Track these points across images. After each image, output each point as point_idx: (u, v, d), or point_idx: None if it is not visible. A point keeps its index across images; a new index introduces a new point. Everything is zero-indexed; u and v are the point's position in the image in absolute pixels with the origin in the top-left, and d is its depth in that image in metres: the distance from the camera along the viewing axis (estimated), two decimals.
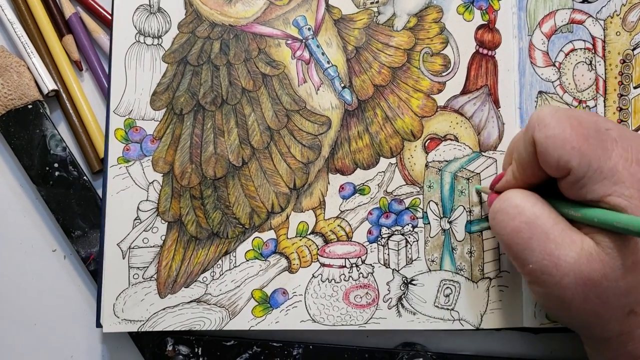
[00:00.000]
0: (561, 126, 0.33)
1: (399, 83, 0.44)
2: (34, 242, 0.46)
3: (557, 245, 0.33)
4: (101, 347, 0.46)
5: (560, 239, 0.33)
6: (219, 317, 0.43)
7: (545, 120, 0.34)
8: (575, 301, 0.33)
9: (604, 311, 0.33)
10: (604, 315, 0.33)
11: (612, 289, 0.32)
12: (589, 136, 0.33)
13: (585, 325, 0.35)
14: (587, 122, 0.34)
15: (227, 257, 0.44)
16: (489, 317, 0.43)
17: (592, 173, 0.33)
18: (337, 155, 0.44)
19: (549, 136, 0.33)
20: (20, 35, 0.47)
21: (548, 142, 0.33)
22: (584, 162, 0.33)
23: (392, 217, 0.44)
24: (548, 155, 0.33)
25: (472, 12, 0.45)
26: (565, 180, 0.34)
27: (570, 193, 0.34)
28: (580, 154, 0.33)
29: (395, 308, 0.43)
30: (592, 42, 0.45)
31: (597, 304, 0.33)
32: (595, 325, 0.35)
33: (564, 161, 0.33)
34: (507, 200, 0.36)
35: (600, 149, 0.33)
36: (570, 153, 0.33)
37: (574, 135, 0.33)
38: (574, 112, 0.35)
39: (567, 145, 0.33)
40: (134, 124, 0.44)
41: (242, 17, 0.45)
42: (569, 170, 0.33)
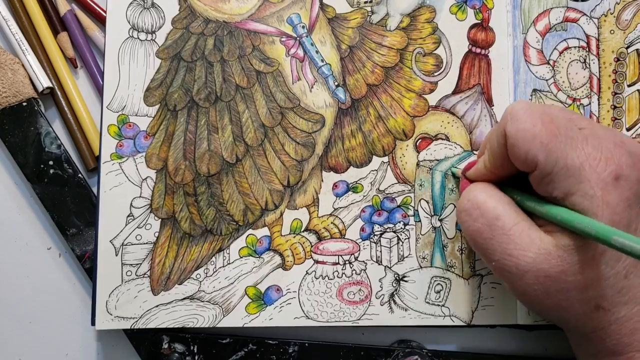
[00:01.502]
0: (532, 121, 0.34)
1: (391, 83, 0.44)
2: (28, 240, 0.46)
3: (516, 245, 0.34)
4: (96, 345, 0.46)
5: (520, 239, 0.34)
6: (213, 314, 0.43)
7: (518, 114, 0.34)
8: (538, 296, 0.34)
9: (569, 305, 0.34)
10: (570, 309, 0.34)
11: (571, 282, 0.33)
12: (559, 133, 0.34)
13: (558, 320, 0.36)
14: (560, 119, 0.34)
15: (221, 254, 0.44)
16: (481, 313, 0.43)
17: (558, 170, 0.33)
18: (331, 153, 0.44)
19: (519, 129, 0.34)
20: (15, 32, 0.47)
21: (518, 135, 0.34)
22: (551, 158, 0.33)
23: (384, 214, 0.44)
24: (517, 148, 0.34)
25: (465, 11, 0.45)
26: (533, 174, 0.34)
27: (538, 188, 0.35)
28: (548, 149, 0.33)
29: (387, 304, 0.43)
30: (586, 41, 0.45)
31: (560, 299, 0.34)
32: (567, 320, 0.35)
33: (532, 155, 0.33)
34: (471, 200, 0.37)
35: (569, 147, 0.33)
36: (539, 148, 0.33)
37: (544, 130, 0.33)
38: (548, 108, 0.35)
39: (536, 140, 0.33)
40: (127, 120, 0.44)
41: (236, 13, 0.45)
42: (536, 164, 0.34)
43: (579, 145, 0.34)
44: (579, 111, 0.44)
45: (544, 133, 0.33)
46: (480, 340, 0.45)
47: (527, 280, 0.34)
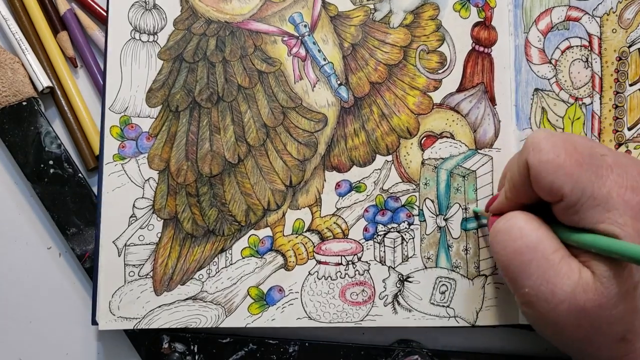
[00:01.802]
0: (556, 151, 0.33)
1: (395, 80, 0.44)
2: (28, 240, 0.46)
3: (556, 272, 0.33)
4: (97, 345, 0.46)
5: (559, 267, 0.33)
6: (215, 315, 0.43)
7: (540, 145, 0.34)
8: (568, 328, 0.34)
9: (596, 338, 0.34)
10: (596, 341, 0.34)
11: (605, 317, 0.33)
12: (583, 162, 0.33)
13: (576, 350, 0.36)
14: (582, 147, 0.34)
15: (223, 255, 0.43)
16: (485, 314, 0.43)
17: (585, 199, 0.33)
18: (333, 153, 0.44)
19: (542, 161, 0.33)
20: (15, 31, 0.46)
21: (541, 166, 0.33)
22: (577, 188, 0.33)
23: (388, 214, 0.44)
24: (541, 179, 0.33)
25: (469, 9, 0.45)
26: (559, 205, 0.34)
27: (564, 218, 0.34)
28: (573, 180, 0.33)
29: (391, 305, 0.43)
30: (588, 40, 0.45)
31: (589, 331, 0.33)
32: (586, 350, 0.35)
33: (557, 187, 0.33)
34: (511, 220, 0.36)
35: (595, 176, 0.33)
36: (564, 179, 0.33)
37: (567, 160, 0.33)
38: (569, 136, 0.35)
39: (561, 171, 0.33)
40: (129, 121, 0.44)
41: (238, 13, 0.45)
42: (562, 195, 0.33)
43: (604, 172, 0.33)
44: (580, 111, 0.44)
45: (569, 163, 0.33)
46: (481, 340, 0.45)
47: (560, 311, 0.33)
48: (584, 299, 0.32)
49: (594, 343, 0.34)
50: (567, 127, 0.44)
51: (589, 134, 0.44)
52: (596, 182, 0.33)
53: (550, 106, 0.44)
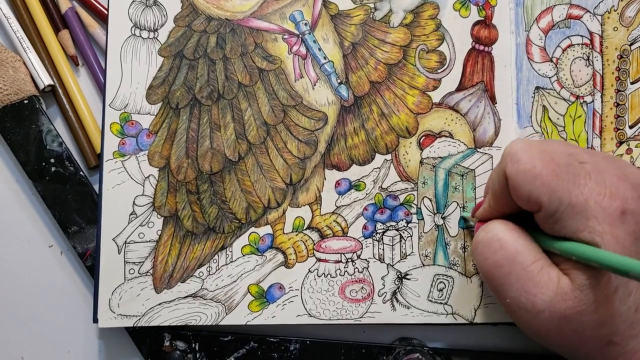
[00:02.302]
0: (532, 162, 0.34)
1: (394, 80, 0.44)
2: (30, 238, 0.46)
3: (535, 283, 0.34)
4: (98, 343, 0.46)
5: (538, 277, 0.34)
6: (216, 312, 0.43)
7: (517, 155, 0.34)
8: (551, 334, 0.34)
9: (582, 343, 0.34)
10: (582, 346, 0.34)
11: (586, 322, 0.33)
12: (560, 172, 0.33)
13: (568, 354, 0.36)
14: (560, 157, 0.34)
15: (224, 252, 0.44)
16: (483, 311, 0.43)
17: (563, 209, 0.33)
18: (333, 151, 0.44)
19: (519, 171, 0.34)
20: (16, 30, 0.46)
21: (519, 177, 0.34)
22: (554, 198, 0.33)
23: (387, 212, 0.44)
24: (519, 190, 0.34)
25: (469, 8, 0.45)
26: (539, 214, 0.34)
27: (546, 227, 0.35)
28: (550, 190, 0.33)
29: (389, 302, 0.43)
30: (590, 38, 0.44)
31: (573, 337, 0.34)
32: (577, 355, 0.35)
33: (535, 197, 0.33)
34: (491, 231, 0.36)
35: (572, 184, 0.33)
36: (540, 189, 0.33)
37: (544, 171, 0.33)
38: (548, 145, 0.35)
39: (537, 181, 0.33)
40: (129, 118, 0.44)
41: (238, 11, 0.45)
42: (540, 205, 0.33)
43: (582, 181, 0.33)
44: (582, 109, 0.44)
45: (545, 173, 0.33)
46: (482, 337, 0.45)
47: (542, 320, 0.34)
48: (564, 307, 0.33)
49: (581, 348, 0.34)
50: (568, 126, 0.44)
51: (590, 132, 0.44)
52: (574, 190, 0.33)
53: (552, 104, 0.44)
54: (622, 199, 0.33)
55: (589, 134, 0.44)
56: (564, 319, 0.33)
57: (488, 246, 0.36)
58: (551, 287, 0.33)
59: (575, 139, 0.44)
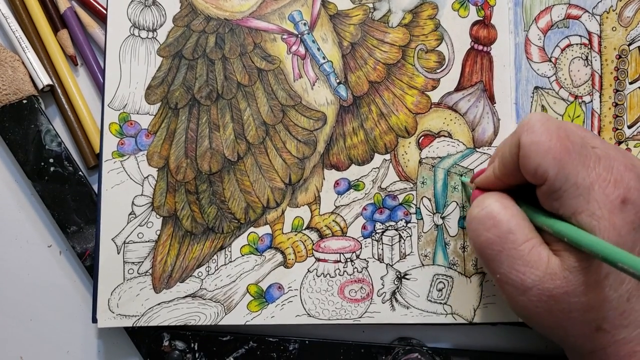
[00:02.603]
0: (548, 135, 0.34)
1: (393, 80, 0.44)
2: (29, 238, 0.46)
3: (525, 262, 0.34)
4: (97, 343, 0.46)
5: (529, 257, 0.34)
6: (215, 312, 0.43)
7: (535, 126, 0.34)
8: (539, 314, 0.34)
9: (570, 325, 0.34)
10: (571, 329, 0.34)
11: (574, 304, 0.33)
12: (572, 150, 0.33)
13: (557, 338, 0.36)
14: (575, 136, 0.34)
15: (223, 252, 0.44)
16: (483, 311, 0.43)
17: (568, 187, 0.33)
18: (332, 151, 0.44)
19: (533, 142, 0.34)
20: (15, 29, 0.46)
21: (531, 147, 0.34)
22: (561, 174, 0.33)
23: (386, 212, 0.44)
24: (529, 160, 0.34)
25: (468, 8, 0.45)
26: (542, 188, 0.34)
27: (546, 203, 0.35)
28: (559, 165, 0.33)
29: (389, 302, 0.43)
30: (588, 38, 0.45)
31: (561, 318, 0.34)
32: (566, 339, 0.35)
33: (543, 169, 0.33)
34: (485, 208, 0.36)
35: (581, 165, 0.33)
36: (550, 163, 0.33)
37: (557, 145, 0.33)
38: (564, 123, 0.35)
39: (549, 154, 0.33)
40: (128, 118, 0.44)
41: (237, 11, 0.45)
42: (545, 178, 0.33)
43: (591, 164, 0.33)
44: (580, 109, 0.44)
45: (558, 148, 0.33)
46: (481, 337, 0.45)
47: (530, 297, 0.34)
48: (552, 286, 0.33)
49: (569, 331, 0.34)
50: None
51: None
52: (581, 171, 0.33)
53: (550, 104, 0.44)
54: (625, 187, 0.33)
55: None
56: (552, 298, 0.33)
57: (482, 223, 0.36)
58: (540, 267, 0.34)
59: None
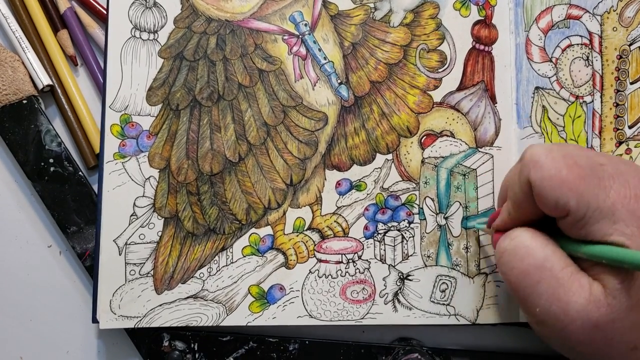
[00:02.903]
0: (557, 166, 0.33)
1: (395, 79, 0.44)
2: (29, 238, 0.46)
3: (566, 290, 0.33)
4: (97, 343, 0.46)
5: (569, 284, 0.33)
6: (216, 313, 0.43)
7: (540, 161, 0.33)
8: (581, 344, 0.33)
9: (609, 350, 0.33)
10: (608, 353, 0.33)
11: (617, 329, 0.32)
12: (585, 175, 0.32)
13: None
14: (582, 159, 0.33)
15: (224, 253, 0.44)
16: (485, 312, 0.43)
17: (591, 213, 0.32)
18: (334, 152, 0.44)
19: (545, 177, 0.33)
20: (15, 30, 0.46)
21: (545, 183, 0.33)
22: (582, 202, 0.32)
23: (388, 213, 0.44)
24: (546, 196, 0.33)
25: (469, 8, 0.45)
26: (565, 220, 0.33)
27: (571, 232, 0.34)
28: (578, 194, 0.32)
29: (391, 303, 0.43)
30: (589, 38, 0.45)
31: (602, 345, 0.33)
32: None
33: (563, 203, 0.32)
34: (516, 239, 0.35)
35: (598, 188, 0.32)
36: (568, 194, 0.32)
37: (570, 175, 0.32)
38: (567, 149, 0.34)
39: (565, 186, 0.32)
40: (130, 120, 0.44)
41: (238, 12, 0.45)
42: (568, 211, 0.33)
43: (606, 184, 0.32)
44: (581, 109, 0.44)
45: (572, 177, 0.32)
46: (482, 338, 0.45)
47: (574, 328, 0.32)
48: (597, 315, 0.32)
49: (606, 355, 0.33)
50: (567, 126, 0.44)
51: (590, 132, 0.44)
52: (600, 194, 0.32)
53: (551, 104, 0.44)
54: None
55: (588, 134, 0.44)
56: (596, 327, 0.32)
57: (514, 254, 0.35)
58: (583, 294, 0.32)
59: (574, 139, 0.44)
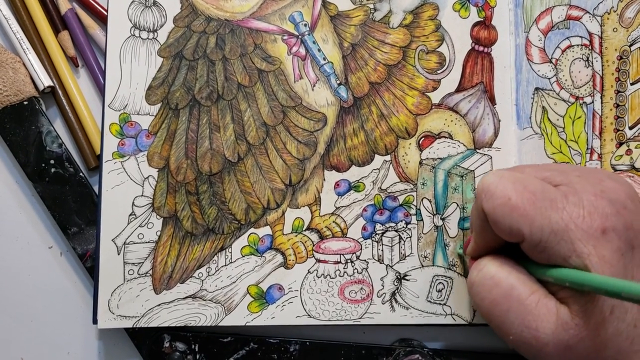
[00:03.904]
0: (506, 194, 0.33)
1: (394, 80, 0.44)
2: (30, 239, 0.46)
3: (535, 317, 0.33)
4: (98, 344, 0.46)
5: (537, 310, 0.33)
6: (215, 313, 0.43)
7: (490, 189, 0.34)
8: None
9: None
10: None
11: (590, 347, 0.32)
12: (535, 200, 0.33)
13: None
14: (533, 183, 0.33)
15: (223, 253, 0.44)
16: None
17: (546, 237, 0.32)
18: (333, 152, 0.44)
19: (496, 206, 0.33)
20: (16, 31, 0.47)
21: (496, 211, 0.33)
22: (535, 227, 0.32)
23: (386, 213, 0.44)
24: (499, 224, 0.33)
25: (468, 9, 0.45)
26: (523, 245, 0.34)
27: (534, 256, 0.34)
28: (529, 220, 0.32)
29: (388, 303, 0.43)
30: (589, 39, 0.44)
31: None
32: None
33: (516, 229, 0.33)
34: (483, 270, 0.36)
35: (550, 210, 0.32)
36: (520, 220, 0.33)
37: (519, 201, 0.33)
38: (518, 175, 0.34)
39: (515, 212, 0.33)
40: (129, 119, 0.44)
41: (238, 11, 0.45)
42: (522, 236, 0.33)
43: (559, 205, 0.33)
44: (581, 110, 0.44)
45: (521, 203, 0.33)
46: (481, 338, 0.45)
47: (548, 351, 0.33)
48: (567, 337, 0.32)
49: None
50: (567, 127, 0.44)
51: (590, 133, 0.44)
52: (553, 216, 0.32)
53: (551, 105, 0.44)
54: (601, 217, 0.32)
55: (588, 135, 0.44)
56: (569, 349, 0.32)
57: (482, 285, 0.35)
58: (551, 319, 0.33)
59: (575, 140, 0.44)
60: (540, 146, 0.44)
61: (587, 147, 0.44)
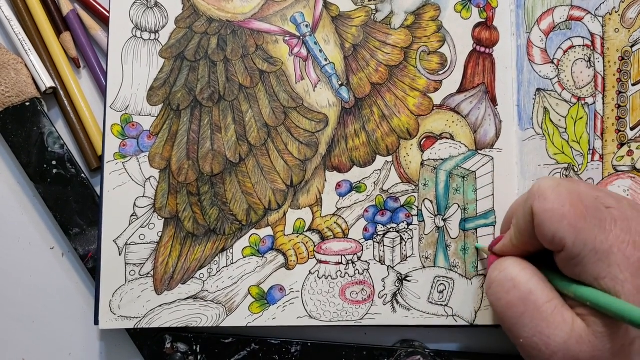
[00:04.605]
0: (560, 201, 0.33)
1: (395, 81, 0.44)
2: (32, 240, 0.46)
3: (549, 324, 0.33)
4: (99, 345, 0.46)
5: (552, 318, 0.33)
6: (216, 314, 0.43)
7: (546, 193, 0.34)
8: None
9: None
10: None
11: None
12: (587, 214, 0.33)
13: None
14: (588, 198, 0.33)
15: (224, 254, 0.44)
16: (484, 313, 0.43)
17: (587, 253, 0.32)
18: (334, 153, 0.44)
19: (547, 210, 0.33)
20: (18, 32, 0.47)
21: (545, 215, 0.33)
22: (579, 240, 0.32)
23: (387, 214, 0.44)
24: (544, 228, 0.33)
25: (470, 10, 0.45)
26: (560, 255, 0.34)
27: (566, 269, 0.34)
28: (576, 232, 0.32)
29: (390, 304, 0.43)
30: (591, 39, 0.44)
31: None
32: None
33: (560, 237, 0.33)
34: (504, 271, 0.36)
35: (598, 229, 0.32)
36: (567, 230, 0.32)
37: (572, 211, 0.33)
38: (576, 186, 0.34)
39: (564, 221, 0.33)
40: (130, 120, 0.44)
41: (239, 12, 0.45)
42: (563, 246, 0.33)
43: (607, 226, 0.33)
44: (583, 111, 0.44)
45: (572, 214, 0.33)
46: (483, 340, 0.45)
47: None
48: (578, 351, 0.32)
49: None
50: (569, 127, 0.44)
51: (592, 134, 0.44)
52: (599, 235, 0.32)
53: (553, 106, 0.44)
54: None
55: (590, 136, 0.44)
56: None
57: (501, 286, 0.35)
58: (565, 329, 0.33)
59: (577, 141, 0.44)
60: (542, 147, 0.44)
61: (589, 148, 0.44)
